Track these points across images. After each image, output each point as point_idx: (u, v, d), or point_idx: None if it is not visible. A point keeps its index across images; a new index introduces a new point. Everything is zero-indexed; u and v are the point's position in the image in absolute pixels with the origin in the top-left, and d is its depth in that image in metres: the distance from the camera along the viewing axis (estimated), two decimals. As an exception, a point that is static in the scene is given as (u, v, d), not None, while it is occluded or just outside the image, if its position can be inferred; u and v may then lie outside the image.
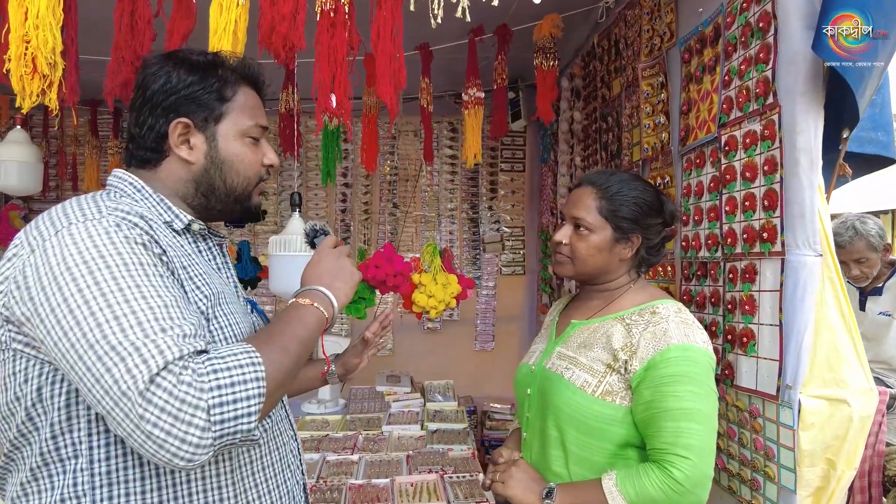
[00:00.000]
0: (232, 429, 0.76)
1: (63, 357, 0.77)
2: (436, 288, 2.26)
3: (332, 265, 1.04)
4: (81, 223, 0.82)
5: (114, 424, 0.75)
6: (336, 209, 4.06)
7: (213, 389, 0.75)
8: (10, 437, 0.86)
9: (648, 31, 2.07)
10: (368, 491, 2.09)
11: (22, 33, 1.10)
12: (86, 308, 0.75)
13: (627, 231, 1.26)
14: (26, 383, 0.83)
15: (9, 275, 0.83)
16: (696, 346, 1.15)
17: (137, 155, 0.97)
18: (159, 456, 0.74)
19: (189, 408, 0.73)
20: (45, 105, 1.44)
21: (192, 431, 0.73)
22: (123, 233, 0.83)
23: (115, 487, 0.84)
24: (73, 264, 0.78)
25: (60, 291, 0.77)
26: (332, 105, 1.17)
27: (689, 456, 1.08)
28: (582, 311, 1.34)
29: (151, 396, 0.72)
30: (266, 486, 0.97)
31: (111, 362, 0.73)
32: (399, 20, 1.16)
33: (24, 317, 0.80)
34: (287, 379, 0.86)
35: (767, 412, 1.39)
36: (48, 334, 0.77)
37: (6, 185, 2.44)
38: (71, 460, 0.83)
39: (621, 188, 1.27)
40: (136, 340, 0.74)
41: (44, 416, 0.84)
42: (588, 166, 2.81)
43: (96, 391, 0.74)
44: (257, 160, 1.02)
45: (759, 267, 1.43)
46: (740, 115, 1.50)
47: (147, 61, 0.97)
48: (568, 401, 1.20)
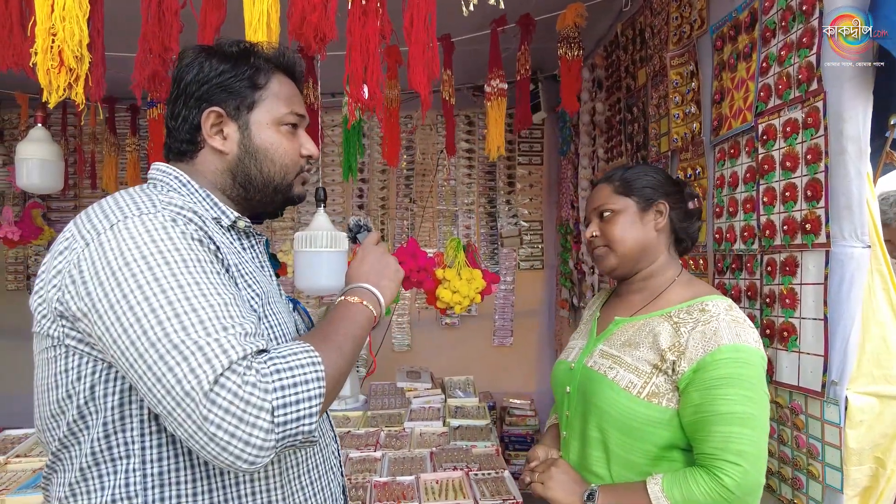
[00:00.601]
0: (294, 430, 0.75)
1: (122, 355, 0.75)
2: (460, 283, 2.22)
3: (377, 263, 1.03)
4: (137, 217, 0.80)
5: (173, 425, 0.73)
6: (353, 204, 4.04)
7: (277, 391, 0.74)
8: (60, 435, 0.84)
9: (677, 18, 2.02)
10: (394, 488, 2.07)
11: (48, 26, 1.08)
12: (146, 305, 0.73)
13: (650, 198, 1.26)
14: (79, 381, 0.81)
15: (62, 269, 0.81)
16: (748, 346, 1.10)
17: (174, 148, 0.96)
18: (221, 458, 0.72)
19: (254, 409, 0.71)
20: (63, 102, 1.42)
21: (257, 433, 0.71)
22: (180, 228, 0.81)
23: (167, 489, 0.82)
24: (131, 259, 0.76)
25: (119, 287, 0.75)
26: (363, 96, 1.14)
27: (740, 462, 1.04)
28: (625, 307, 1.30)
29: (216, 397, 0.70)
30: (311, 488, 0.96)
31: (173, 361, 0.71)
32: (432, 7, 1.13)
33: (81, 312, 0.78)
34: (342, 378, 0.85)
35: (811, 409, 1.34)
36: (106, 331, 0.75)
37: (29, 184, 2.44)
38: (123, 460, 0.82)
39: (630, 168, 1.32)
40: (199, 339, 0.72)
41: (96, 415, 0.82)
42: (612, 158, 2.76)
43: (157, 391, 0.72)
44: (294, 149, 0.99)
45: (801, 259, 1.39)
46: (780, 103, 1.45)
47: (182, 54, 0.96)
48: (611, 402, 1.16)
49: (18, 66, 1.13)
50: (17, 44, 1.12)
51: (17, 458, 2.23)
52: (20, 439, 2.41)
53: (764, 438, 1.08)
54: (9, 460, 2.21)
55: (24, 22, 1.13)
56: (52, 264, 0.82)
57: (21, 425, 2.52)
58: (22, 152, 2.45)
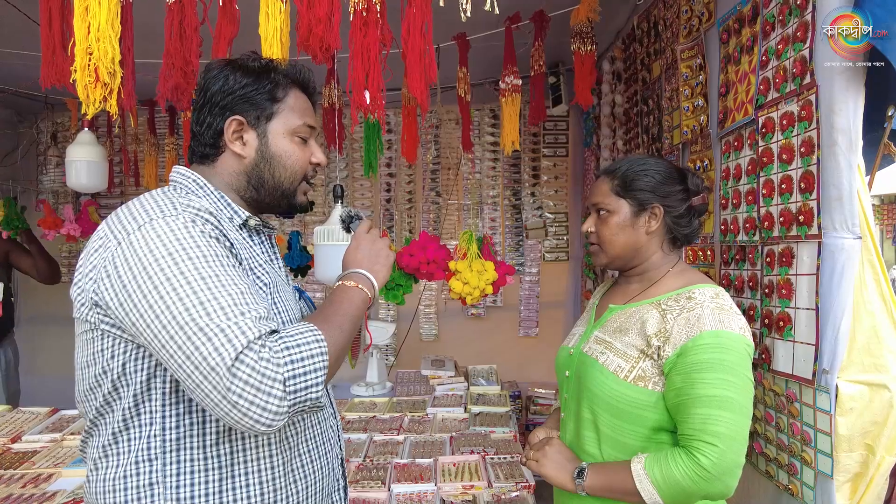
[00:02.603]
0: (303, 397, 0.86)
1: (155, 337, 0.86)
2: (471, 275, 2.30)
3: (370, 249, 1.14)
4: (161, 219, 0.92)
5: (200, 396, 0.84)
6: (381, 198, 4.15)
7: (288, 364, 0.85)
8: (97, 405, 0.97)
9: (687, 11, 2.04)
10: (412, 470, 2.17)
11: (86, 46, 1.21)
12: (174, 295, 0.85)
13: (644, 202, 1.28)
14: (112, 359, 0.94)
15: (97, 263, 0.93)
16: (730, 332, 1.14)
17: (198, 151, 1.08)
18: (243, 423, 0.83)
19: (269, 381, 0.83)
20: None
21: (272, 401, 0.83)
22: (199, 228, 0.92)
23: (182, 452, 0.94)
24: (159, 256, 0.88)
25: (150, 280, 0.87)
26: (365, 101, 1.23)
27: (716, 443, 1.08)
28: (620, 296, 1.36)
29: (237, 371, 0.82)
30: (308, 456, 1.07)
31: (199, 342, 0.83)
32: (429, 16, 1.20)
33: (115, 302, 0.90)
34: (342, 352, 0.96)
35: (804, 397, 1.38)
36: (141, 317, 0.87)
37: (77, 184, 2.64)
38: (146, 427, 0.94)
39: (631, 166, 1.31)
40: (221, 322, 0.84)
41: (127, 388, 0.94)
42: (630, 150, 2.78)
43: (186, 367, 0.84)
44: (305, 158, 1.10)
45: (796, 250, 1.41)
46: (777, 96, 1.47)
47: (209, 66, 1.08)
48: (601, 385, 1.22)
49: (61, 82, 1.27)
50: (59, 63, 1.26)
51: (72, 436, 2.43)
52: (74, 418, 2.62)
53: (743, 422, 1.12)
54: (64, 437, 2.42)
55: (65, 43, 1.27)
56: (89, 259, 0.95)
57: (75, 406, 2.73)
58: (71, 155, 2.65)
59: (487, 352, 3.87)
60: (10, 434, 2.45)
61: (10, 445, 2.36)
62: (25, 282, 4.38)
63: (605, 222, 1.31)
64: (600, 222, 1.32)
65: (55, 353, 4.25)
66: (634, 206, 1.29)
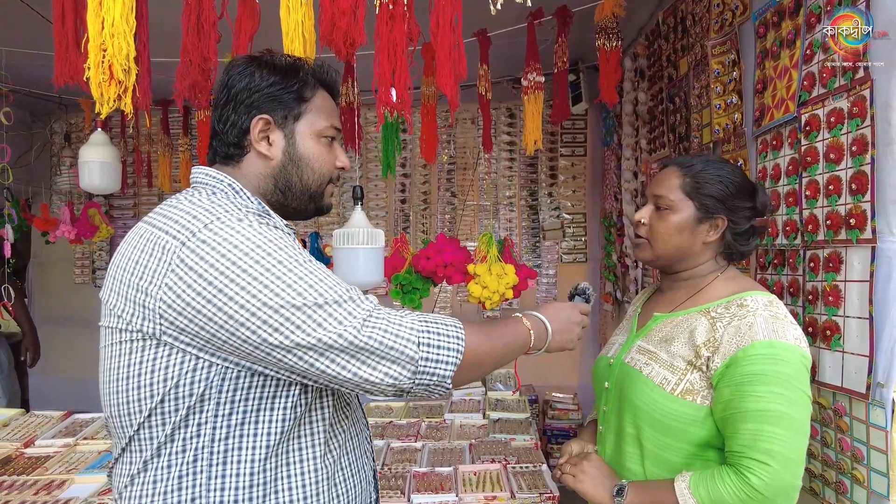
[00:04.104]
0: (432, 368, 0.87)
1: (252, 335, 0.82)
2: (490, 279, 2.23)
3: (569, 319, 1.14)
4: (228, 214, 0.87)
5: (315, 373, 0.84)
6: (395, 199, 4.10)
7: (423, 331, 0.88)
8: (139, 419, 0.89)
9: (719, 5, 1.96)
10: (432, 479, 2.11)
11: (99, 42, 1.16)
12: (280, 282, 0.83)
13: (712, 210, 1.18)
14: (166, 370, 0.87)
15: (157, 268, 0.85)
16: (784, 343, 1.06)
17: (221, 151, 1.02)
18: (371, 380, 0.85)
19: (401, 340, 0.85)
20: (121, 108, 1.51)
21: (404, 359, 0.85)
22: (272, 224, 0.90)
23: (228, 466, 0.89)
24: (247, 249, 0.84)
25: (246, 273, 0.83)
26: (392, 99, 1.17)
27: (769, 462, 1.01)
28: (665, 303, 1.28)
29: (369, 330, 0.84)
30: (350, 469, 1.02)
31: (320, 317, 0.82)
32: (458, 8, 1.14)
33: (193, 308, 0.83)
34: (481, 361, 0.95)
35: (855, 411, 1.30)
36: (228, 319, 0.82)
37: (90, 185, 2.60)
38: (194, 439, 0.88)
39: (707, 167, 1.20)
40: (335, 296, 0.84)
41: (180, 401, 0.87)
42: (654, 149, 2.70)
43: (301, 340, 0.82)
44: (331, 160, 1.06)
45: (845, 255, 1.33)
46: (824, 92, 1.39)
47: (233, 62, 1.02)
48: (645, 398, 1.15)
49: (74, 80, 1.22)
50: (72, 60, 1.21)
51: (85, 441, 2.39)
52: (87, 423, 2.58)
53: (799, 440, 1.04)
54: (78, 442, 2.38)
55: (79, 40, 1.22)
56: (141, 264, 0.87)
57: (89, 409, 2.70)
58: (84, 155, 2.61)
59: (504, 355, 3.80)
60: (24, 438, 2.41)
61: (23, 450, 2.33)
62: (38, 283, 4.37)
63: (664, 218, 1.21)
64: (657, 217, 1.23)
65: (67, 355, 4.23)
66: (700, 211, 1.19)
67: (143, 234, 0.90)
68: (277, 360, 0.84)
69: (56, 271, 4.36)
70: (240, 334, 0.83)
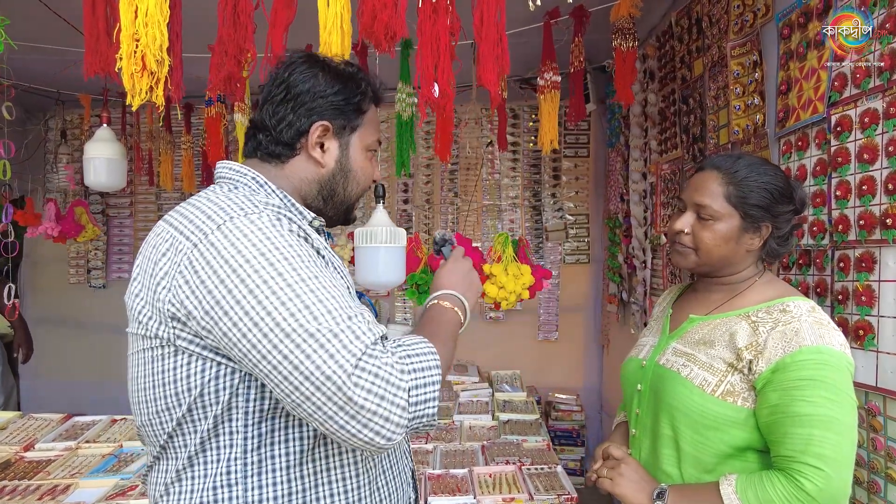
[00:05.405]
0: (423, 410, 0.80)
1: (252, 348, 0.77)
2: (507, 279, 2.21)
3: (466, 276, 1.10)
4: (243, 216, 0.83)
5: (308, 410, 0.75)
6: (398, 199, 4.07)
7: (411, 372, 0.79)
8: (169, 429, 0.87)
9: (739, 6, 1.96)
10: (447, 481, 2.09)
11: (132, 31, 1.12)
12: (274, 298, 0.76)
13: (758, 219, 1.16)
14: (189, 378, 0.84)
15: (168, 270, 0.82)
16: (831, 348, 1.05)
17: (267, 148, 0.98)
18: (361, 436, 0.75)
19: (393, 388, 0.76)
20: (121, 102, 1.43)
21: (395, 411, 0.76)
22: (286, 226, 0.84)
23: (263, 476, 0.85)
24: (250, 256, 0.78)
25: (244, 283, 0.77)
26: (434, 95, 1.15)
27: (822, 467, 0.99)
28: (701, 305, 1.26)
29: (358, 380, 0.74)
30: (392, 472, 1.00)
31: (310, 349, 0.74)
32: (502, 3, 1.13)
33: (201, 311, 0.79)
34: (447, 371, 0.89)
35: (890, 410, 1.30)
36: (234, 326, 0.77)
37: (96, 182, 2.53)
38: (226, 449, 0.85)
39: (750, 173, 1.17)
40: (332, 327, 0.76)
41: (205, 409, 0.85)
42: (666, 150, 2.71)
43: (294, 378, 0.75)
44: (372, 174, 1.07)
45: (879, 255, 1.34)
46: (857, 93, 1.39)
47: (293, 60, 0.99)
48: (684, 399, 1.14)
49: (105, 71, 1.18)
50: (103, 50, 1.17)
51: (87, 444, 2.33)
52: (88, 426, 2.52)
53: (848, 445, 1.03)
54: (79, 446, 2.32)
55: (110, 30, 1.18)
56: (158, 266, 0.84)
57: (82, 412, 2.63)
58: (89, 152, 2.55)
59: (506, 355, 3.79)
60: (23, 442, 2.34)
61: (22, 454, 2.26)
62: (31, 283, 4.28)
63: (709, 228, 1.18)
64: (701, 226, 1.19)
65: (62, 357, 4.14)
66: (746, 220, 1.17)
67: (161, 233, 0.88)
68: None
69: (50, 271, 4.27)
70: (238, 344, 0.78)
